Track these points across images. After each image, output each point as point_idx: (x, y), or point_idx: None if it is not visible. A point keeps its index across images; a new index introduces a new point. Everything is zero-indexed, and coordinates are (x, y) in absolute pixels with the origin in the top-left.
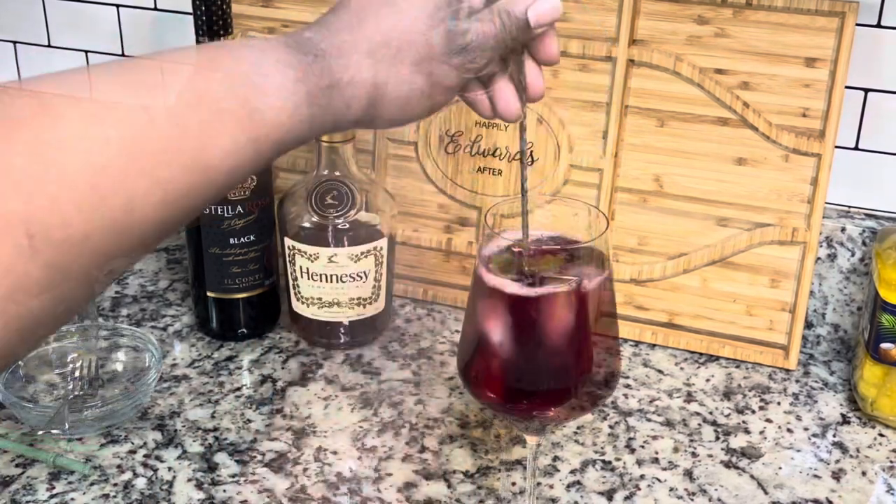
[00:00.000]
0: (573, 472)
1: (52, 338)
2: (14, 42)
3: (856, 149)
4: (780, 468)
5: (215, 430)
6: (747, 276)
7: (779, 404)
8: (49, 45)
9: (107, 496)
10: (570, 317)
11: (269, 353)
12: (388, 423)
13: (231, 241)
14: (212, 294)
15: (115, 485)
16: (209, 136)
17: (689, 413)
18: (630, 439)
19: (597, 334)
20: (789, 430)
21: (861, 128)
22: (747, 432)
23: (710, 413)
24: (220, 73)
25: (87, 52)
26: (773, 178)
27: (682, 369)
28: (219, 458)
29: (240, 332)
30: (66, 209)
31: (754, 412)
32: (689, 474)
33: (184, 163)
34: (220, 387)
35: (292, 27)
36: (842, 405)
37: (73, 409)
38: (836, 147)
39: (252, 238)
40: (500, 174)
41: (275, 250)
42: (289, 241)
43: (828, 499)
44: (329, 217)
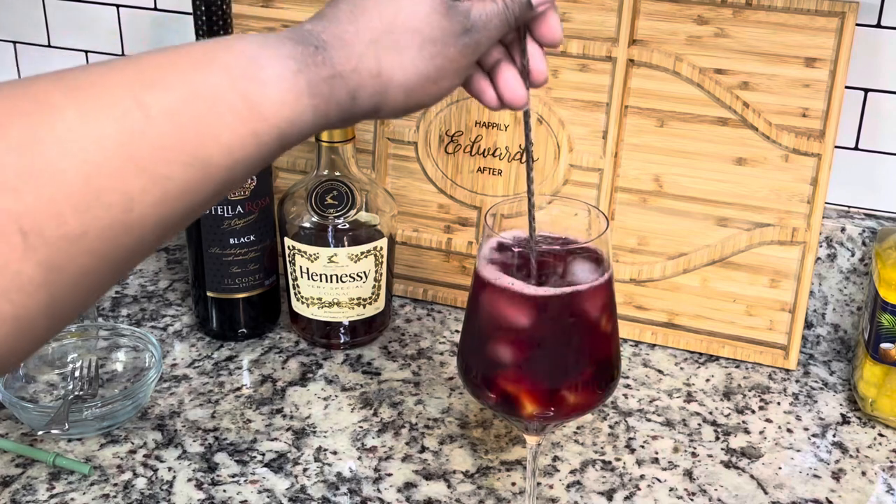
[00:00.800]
0: (573, 472)
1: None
2: (14, 42)
3: (856, 149)
4: (779, 468)
5: (215, 430)
6: (747, 276)
7: (779, 404)
8: (49, 45)
9: (107, 496)
10: (570, 316)
11: (269, 353)
12: (388, 423)
13: (231, 241)
14: (212, 294)
15: (115, 485)
16: (208, 131)
17: (689, 413)
18: (630, 439)
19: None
20: (789, 430)
21: (861, 128)
22: (747, 432)
23: (710, 413)
24: (217, 67)
25: (87, 52)
26: (773, 178)
27: (682, 369)
28: (219, 458)
29: (240, 332)
30: (60, 206)
31: (754, 412)
32: (689, 474)
33: (182, 159)
34: (220, 387)
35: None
36: (842, 405)
37: (73, 409)
38: (836, 147)
39: (252, 238)
40: (500, 174)
41: (275, 250)
42: (289, 241)
43: (828, 499)
44: (329, 217)
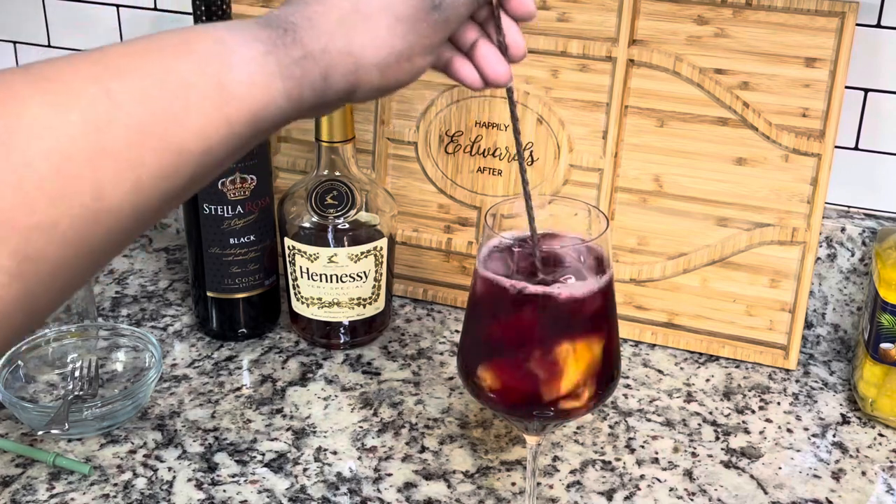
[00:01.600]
0: (573, 472)
1: (52, 337)
2: (14, 42)
3: (856, 149)
4: (779, 468)
5: (215, 430)
6: (747, 276)
7: (779, 404)
8: (49, 45)
9: (107, 496)
10: (570, 316)
11: (269, 353)
12: (388, 423)
13: (231, 241)
14: (212, 294)
15: (115, 485)
16: (178, 117)
17: (688, 413)
18: (630, 439)
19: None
20: (789, 430)
21: (861, 128)
22: (747, 432)
23: (710, 413)
24: (186, 53)
25: None
26: (773, 178)
27: (682, 369)
28: (219, 458)
29: (240, 332)
30: (31, 195)
31: (754, 412)
32: (689, 474)
33: (154, 145)
34: (220, 387)
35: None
36: (842, 405)
37: (73, 409)
38: (836, 147)
39: (252, 238)
40: (500, 174)
41: (275, 250)
42: (289, 241)
43: (828, 499)
44: (329, 217)
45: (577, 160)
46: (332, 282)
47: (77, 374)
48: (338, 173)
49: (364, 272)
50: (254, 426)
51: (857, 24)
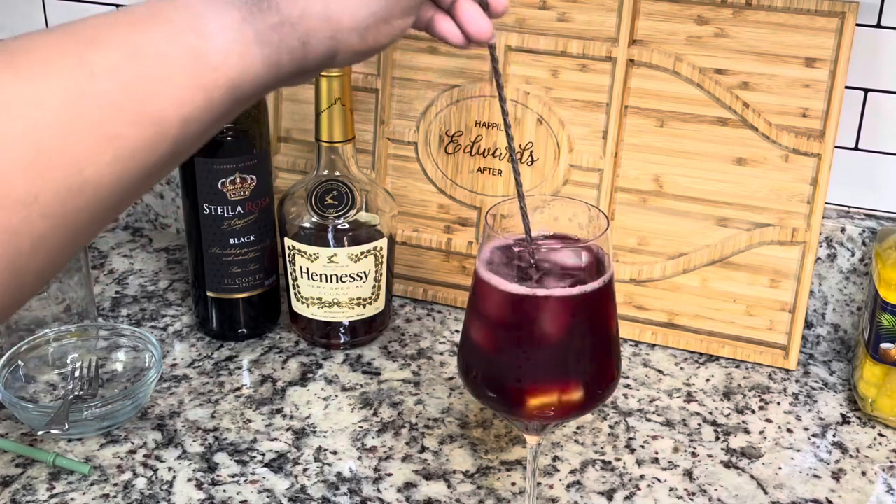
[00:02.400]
0: (573, 472)
1: (52, 337)
2: None
3: (856, 149)
4: (779, 468)
5: (215, 430)
6: (747, 276)
7: (779, 404)
8: None
9: (107, 496)
10: (570, 316)
11: (269, 353)
12: (388, 423)
13: (231, 241)
14: (212, 294)
15: (115, 485)
16: (154, 87)
17: (688, 413)
18: (630, 439)
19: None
20: (789, 430)
21: (861, 128)
22: (747, 432)
23: (710, 413)
24: (161, 23)
25: None
26: (773, 178)
27: (682, 369)
28: (219, 458)
29: (240, 332)
30: (7, 169)
31: (754, 412)
32: (689, 474)
33: (131, 116)
34: (220, 387)
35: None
36: (842, 405)
37: (73, 409)
38: (836, 147)
39: (252, 238)
40: (500, 174)
41: (275, 250)
42: (289, 241)
43: (828, 499)
44: (329, 217)
45: (577, 160)
46: (332, 282)
47: (77, 374)
48: (338, 173)
49: (364, 272)
50: (254, 426)
51: (857, 24)
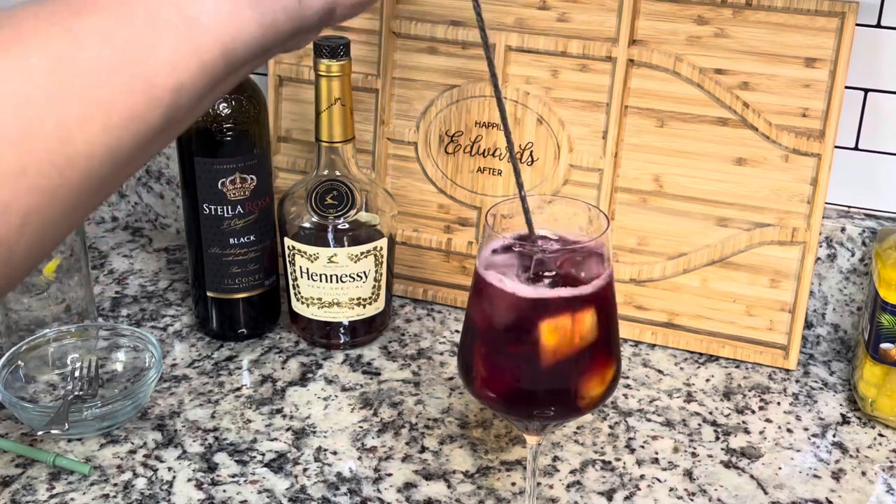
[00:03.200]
0: (573, 472)
1: (52, 337)
2: None
3: (856, 149)
4: (779, 468)
5: (215, 430)
6: (747, 276)
7: (779, 404)
8: None
9: (107, 496)
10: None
11: (269, 353)
12: (388, 423)
13: (231, 241)
14: (212, 294)
15: (115, 485)
16: (145, 51)
17: (688, 413)
18: (630, 439)
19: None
20: (789, 430)
21: (861, 128)
22: (747, 432)
23: (710, 413)
24: None
25: None
26: (773, 178)
27: (682, 369)
28: (219, 458)
29: (240, 332)
30: None
31: (754, 412)
32: (689, 474)
33: (121, 82)
34: (220, 387)
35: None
36: (842, 405)
37: (73, 409)
38: (836, 147)
39: (252, 238)
40: (500, 174)
41: (275, 250)
42: (289, 241)
43: (828, 499)
44: (329, 217)
45: (577, 160)
46: (332, 282)
47: (77, 374)
48: (338, 173)
49: (364, 272)
50: (254, 426)
51: (857, 24)
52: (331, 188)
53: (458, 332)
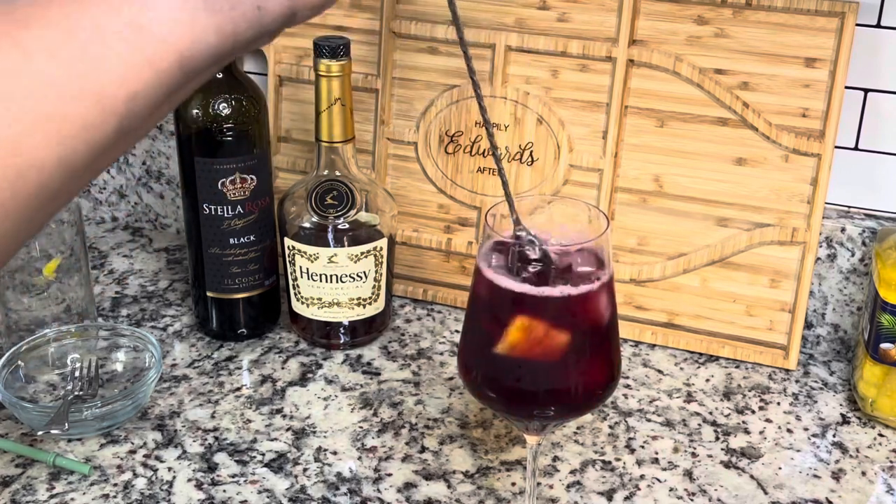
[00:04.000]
0: (573, 472)
1: (52, 337)
2: None
3: (856, 149)
4: (779, 468)
5: (215, 430)
6: (747, 276)
7: (779, 404)
8: None
9: (107, 496)
10: (570, 316)
11: (269, 353)
12: (388, 423)
13: (231, 241)
14: (212, 294)
15: (115, 485)
16: (93, 62)
17: (688, 413)
18: (630, 439)
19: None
20: (789, 431)
21: (861, 128)
22: (747, 432)
23: (710, 413)
24: None
25: None
26: (773, 178)
27: (681, 369)
28: (219, 458)
29: (240, 332)
30: None
31: (754, 412)
32: (689, 474)
33: (71, 94)
34: (220, 387)
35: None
36: (842, 405)
37: (73, 409)
38: (836, 147)
39: (252, 238)
40: None
41: (275, 250)
42: (289, 241)
43: (828, 499)
44: (329, 217)
45: (577, 160)
46: (331, 282)
47: (77, 374)
48: (338, 173)
49: (364, 272)
50: (254, 426)
51: (857, 24)
52: (331, 188)
53: (458, 332)
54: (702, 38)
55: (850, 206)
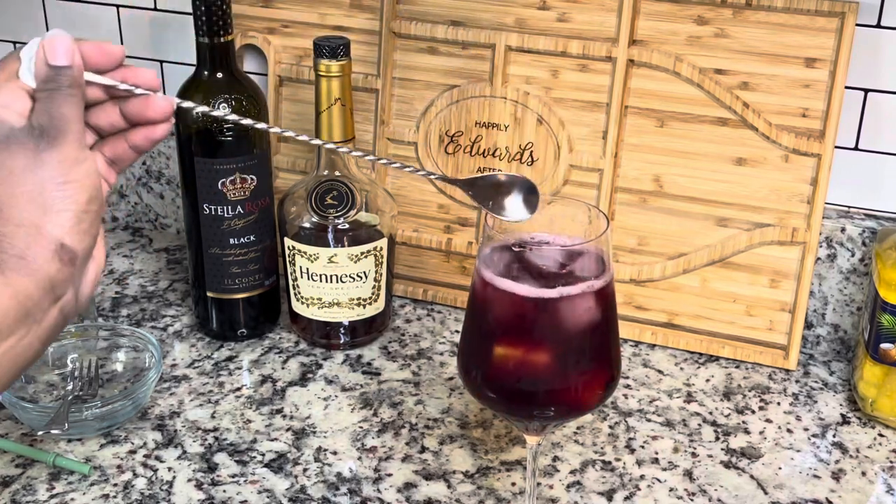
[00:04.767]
0: (573, 472)
1: None
2: (14, 42)
3: (856, 149)
4: (780, 468)
5: (215, 430)
6: (747, 276)
7: (779, 404)
8: None
9: (107, 496)
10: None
11: (269, 353)
12: (388, 423)
13: (231, 241)
14: (212, 294)
15: (115, 485)
16: None
17: (689, 413)
18: (630, 439)
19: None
20: (789, 431)
21: (861, 128)
22: (747, 432)
23: (710, 413)
24: None
25: None
26: (773, 178)
27: (682, 369)
28: (219, 458)
29: (240, 332)
30: None
31: (754, 412)
32: (689, 474)
33: None
34: (220, 387)
35: (292, 28)
36: (842, 405)
37: (73, 409)
38: (836, 147)
39: (252, 238)
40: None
41: (275, 250)
42: (289, 241)
43: (828, 499)
44: (329, 217)
45: (577, 160)
46: (332, 282)
47: (77, 374)
48: (338, 173)
49: (364, 272)
50: (254, 426)
51: (857, 24)
52: (331, 188)
53: (458, 332)
54: (702, 38)
55: (850, 206)
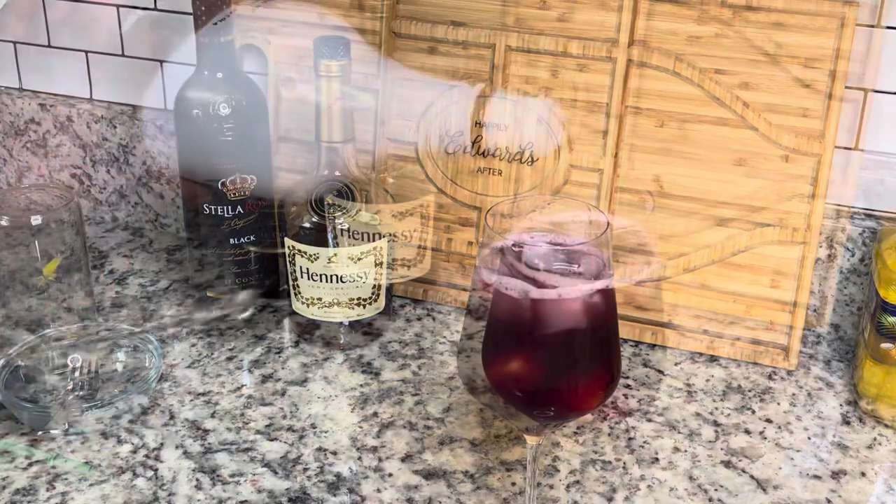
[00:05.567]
0: (573, 472)
1: (52, 337)
2: (14, 42)
3: (856, 149)
4: (779, 468)
5: (215, 430)
6: (747, 276)
7: (779, 404)
8: (49, 46)
9: (107, 496)
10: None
11: (269, 353)
12: (388, 423)
13: (231, 241)
14: (212, 294)
15: (116, 485)
16: None
17: (689, 413)
18: (630, 439)
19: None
20: (789, 431)
21: (861, 128)
22: (747, 432)
23: (710, 413)
24: None
25: (86, 52)
26: (773, 178)
27: (681, 369)
28: (219, 458)
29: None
30: None
31: (754, 412)
32: (688, 474)
33: None
34: (220, 387)
35: (292, 28)
36: (842, 405)
37: (73, 409)
38: (836, 147)
39: (252, 238)
40: (500, 174)
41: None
42: (289, 241)
43: (827, 499)
44: (329, 217)
45: (577, 160)
46: (332, 282)
47: (77, 374)
48: (338, 173)
49: (364, 272)
50: (254, 426)
51: (857, 24)
52: (331, 188)
53: (458, 332)
54: (702, 38)
55: (850, 207)
